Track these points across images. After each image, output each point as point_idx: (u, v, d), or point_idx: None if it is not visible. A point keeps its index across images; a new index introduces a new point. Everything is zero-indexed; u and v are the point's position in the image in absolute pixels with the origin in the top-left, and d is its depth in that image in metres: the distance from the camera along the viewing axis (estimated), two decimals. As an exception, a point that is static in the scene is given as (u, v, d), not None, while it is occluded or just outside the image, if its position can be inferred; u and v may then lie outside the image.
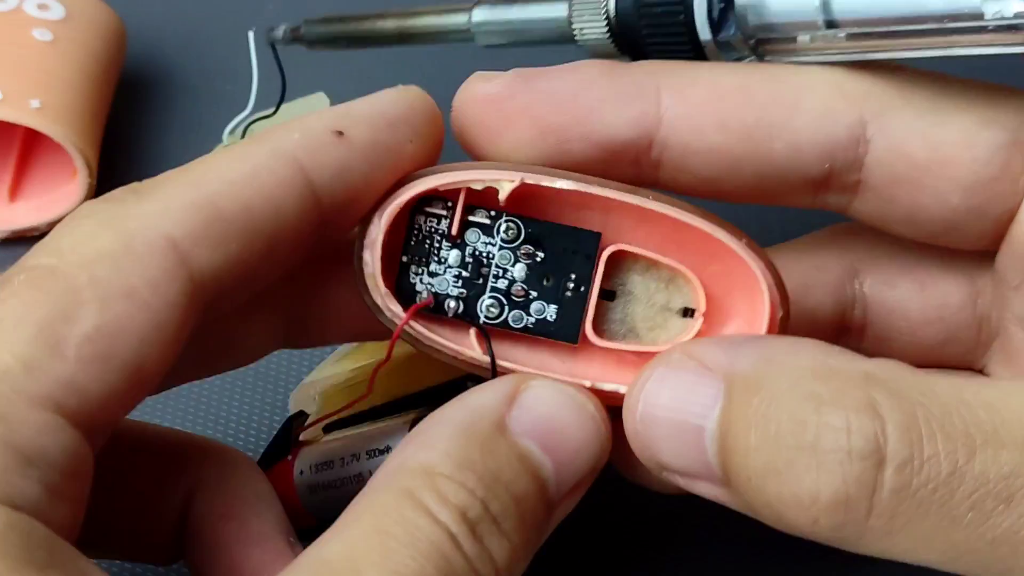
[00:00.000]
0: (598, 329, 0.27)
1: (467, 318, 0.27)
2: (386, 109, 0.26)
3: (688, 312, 0.27)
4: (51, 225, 0.41)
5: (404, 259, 0.27)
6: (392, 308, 0.26)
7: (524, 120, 0.26)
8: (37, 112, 0.39)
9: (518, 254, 0.27)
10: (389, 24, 0.37)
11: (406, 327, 0.26)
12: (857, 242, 0.30)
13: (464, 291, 0.27)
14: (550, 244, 0.26)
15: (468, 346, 0.26)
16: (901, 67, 0.27)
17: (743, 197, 0.28)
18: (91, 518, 0.23)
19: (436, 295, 0.27)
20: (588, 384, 0.26)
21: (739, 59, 0.28)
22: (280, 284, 0.28)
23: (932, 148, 0.26)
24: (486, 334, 0.26)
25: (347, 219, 0.26)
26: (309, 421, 0.34)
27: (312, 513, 0.32)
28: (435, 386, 0.32)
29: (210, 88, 0.46)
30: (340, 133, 0.25)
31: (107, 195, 0.24)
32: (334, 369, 0.35)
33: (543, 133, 0.26)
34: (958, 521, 0.22)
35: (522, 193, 0.26)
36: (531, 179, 0.26)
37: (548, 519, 0.25)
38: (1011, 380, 0.23)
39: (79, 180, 0.40)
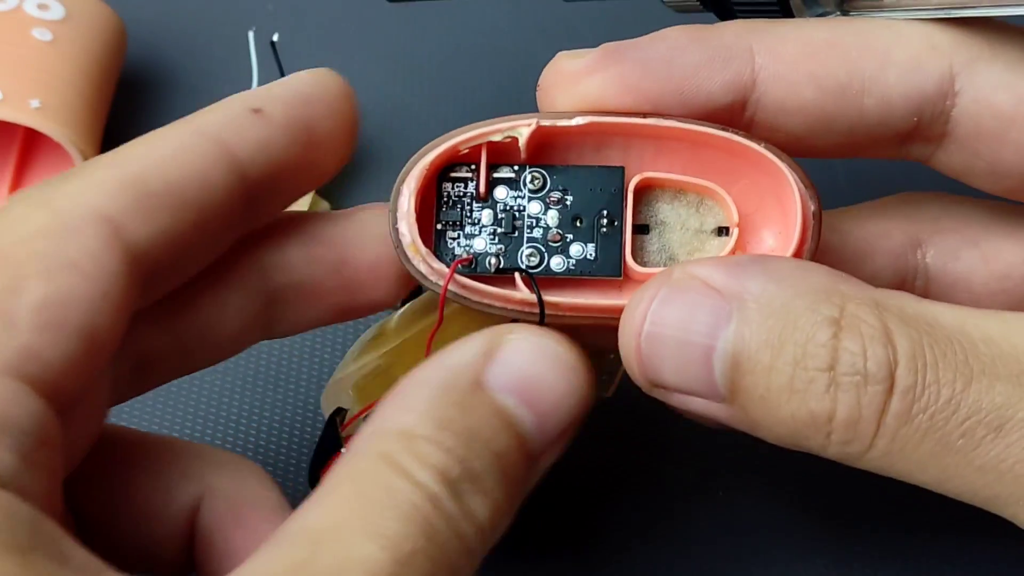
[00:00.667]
0: (639, 262, 0.27)
1: (510, 271, 0.27)
2: (300, 88, 0.27)
3: (723, 231, 0.27)
4: (51, 225, 0.41)
5: (439, 227, 0.27)
6: (436, 267, 0.27)
7: (620, 91, 0.27)
8: (37, 112, 0.39)
9: (548, 202, 0.27)
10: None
11: (454, 289, 0.27)
12: (922, 211, 0.31)
13: (502, 246, 0.27)
14: (577, 186, 0.27)
15: (516, 292, 0.27)
16: (990, 21, 0.27)
17: (831, 153, 0.28)
18: (98, 529, 0.23)
19: (476, 255, 0.27)
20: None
21: (823, 15, 0.28)
22: (247, 267, 0.28)
23: (1019, 100, 0.26)
24: (531, 276, 0.27)
25: (275, 196, 0.27)
26: (351, 415, 0.33)
27: None
28: None
29: (210, 88, 0.46)
30: (258, 110, 0.26)
31: (40, 182, 0.25)
32: (360, 361, 0.35)
33: (639, 104, 0.27)
34: (950, 447, 0.23)
35: (541, 142, 0.27)
36: (546, 120, 0.27)
37: (530, 473, 0.25)
38: (1014, 314, 0.24)
39: (79, 180, 0.40)
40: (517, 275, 0.27)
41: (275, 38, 0.40)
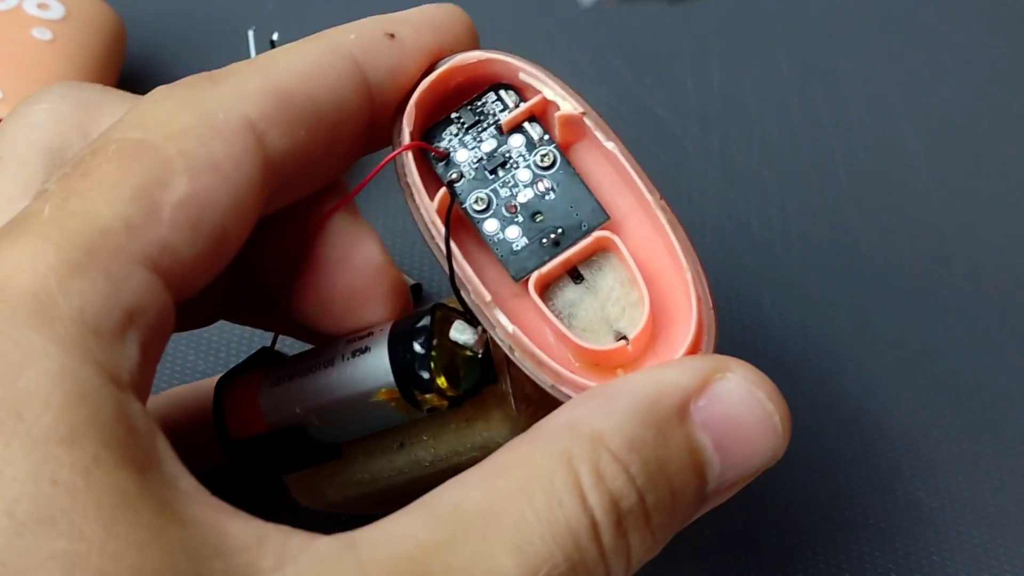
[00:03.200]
0: (544, 292, 0.26)
1: (453, 191, 0.27)
2: (431, 17, 0.28)
3: (623, 339, 0.25)
4: (51, 225, 0.41)
5: (452, 115, 0.27)
6: (406, 130, 0.27)
7: None
8: (37, 111, 0.39)
9: (536, 183, 0.27)
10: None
11: (407, 161, 0.26)
12: None
13: (473, 174, 0.27)
14: (564, 194, 0.26)
15: (434, 201, 0.26)
16: None
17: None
18: None
19: (450, 160, 0.27)
20: (511, 330, 0.25)
21: None
22: None
23: None
24: (454, 200, 0.26)
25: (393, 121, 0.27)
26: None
27: (264, 412, 0.29)
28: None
29: (210, 88, 0.46)
30: (392, 35, 0.27)
31: (180, 81, 0.25)
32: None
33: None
34: None
35: (583, 134, 0.27)
36: (591, 121, 0.26)
37: (693, 516, 0.24)
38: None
39: (79, 179, 0.40)
40: (443, 190, 0.26)
41: (275, 38, 0.40)
